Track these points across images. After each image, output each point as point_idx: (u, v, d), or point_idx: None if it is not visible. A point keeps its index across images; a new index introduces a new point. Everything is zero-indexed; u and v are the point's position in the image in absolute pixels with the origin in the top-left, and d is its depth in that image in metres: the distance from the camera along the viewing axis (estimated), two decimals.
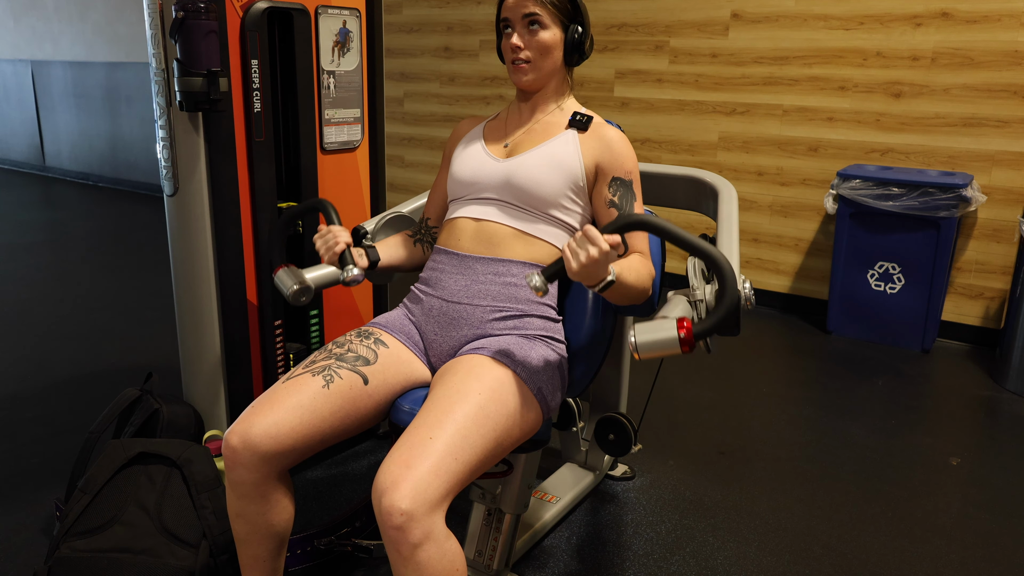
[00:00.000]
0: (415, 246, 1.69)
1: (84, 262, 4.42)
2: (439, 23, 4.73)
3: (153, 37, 1.81)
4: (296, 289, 1.55)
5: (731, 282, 1.15)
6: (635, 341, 1.19)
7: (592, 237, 1.18)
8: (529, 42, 1.48)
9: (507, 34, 1.50)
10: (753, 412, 2.66)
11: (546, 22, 1.46)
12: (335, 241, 1.50)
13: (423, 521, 1.13)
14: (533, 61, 1.49)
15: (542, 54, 1.48)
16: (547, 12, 1.46)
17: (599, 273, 1.21)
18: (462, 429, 1.23)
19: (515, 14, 1.47)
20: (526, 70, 1.50)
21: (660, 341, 1.18)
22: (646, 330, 1.19)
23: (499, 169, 1.52)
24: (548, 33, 1.47)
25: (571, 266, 1.20)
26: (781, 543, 1.94)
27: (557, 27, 1.48)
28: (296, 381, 1.36)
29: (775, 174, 3.72)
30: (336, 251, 1.50)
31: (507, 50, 1.50)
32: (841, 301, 3.40)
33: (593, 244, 1.18)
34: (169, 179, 1.90)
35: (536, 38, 1.47)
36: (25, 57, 7.55)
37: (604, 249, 1.18)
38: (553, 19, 1.47)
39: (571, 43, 1.49)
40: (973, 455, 2.39)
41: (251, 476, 1.32)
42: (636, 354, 1.19)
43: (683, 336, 1.17)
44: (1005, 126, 3.16)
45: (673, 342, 1.17)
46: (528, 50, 1.48)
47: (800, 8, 3.50)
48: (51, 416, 2.53)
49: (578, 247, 1.19)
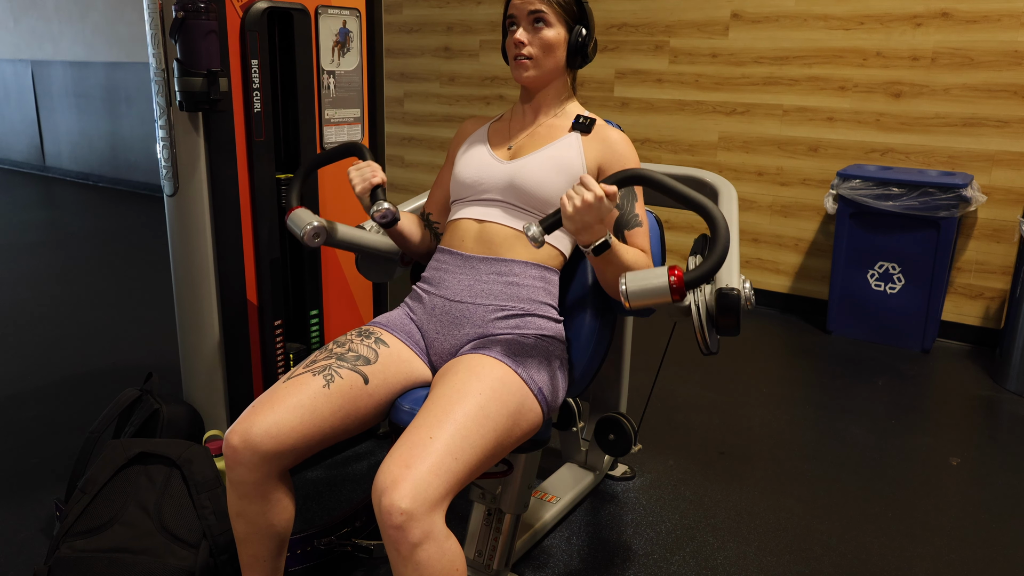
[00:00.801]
0: (424, 229, 1.71)
1: (84, 262, 4.42)
2: (439, 23, 4.73)
3: (153, 37, 1.81)
4: (311, 227, 1.50)
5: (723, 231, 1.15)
6: (626, 289, 1.20)
7: (588, 183, 1.22)
8: (533, 39, 1.48)
9: (512, 31, 1.51)
10: (753, 412, 2.66)
11: (551, 20, 1.47)
12: (372, 173, 1.51)
13: (423, 520, 1.13)
14: (535, 58, 1.50)
15: (545, 52, 1.49)
16: (553, 11, 1.47)
17: (595, 226, 1.25)
18: (462, 429, 1.23)
19: (521, 11, 1.48)
20: (528, 66, 1.50)
21: (651, 288, 1.19)
22: (637, 278, 1.20)
23: (503, 171, 1.52)
24: (552, 31, 1.48)
25: (567, 209, 1.24)
26: (781, 543, 1.94)
27: (562, 26, 1.48)
28: (297, 381, 1.36)
29: (775, 174, 3.72)
30: (373, 181, 1.51)
31: (511, 46, 1.51)
32: (841, 301, 3.40)
33: (589, 189, 1.21)
34: (169, 179, 1.90)
35: (540, 35, 1.48)
36: (25, 57, 7.55)
37: (599, 194, 1.21)
38: (559, 18, 1.48)
39: (575, 44, 1.50)
40: (973, 455, 2.39)
41: (252, 476, 1.32)
42: (627, 302, 1.20)
43: (674, 283, 1.17)
44: (1005, 126, 3.16)
45: (664, 289, 1.18)
46: (531, 47, 1.49)
47: (800, 8, 3.50)
48: (51, 416, 2.53)
49: (575, 191, 1.23)
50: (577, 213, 1.23)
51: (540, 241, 1.26)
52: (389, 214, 1.48)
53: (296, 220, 1.55)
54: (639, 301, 1.19)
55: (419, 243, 1.69)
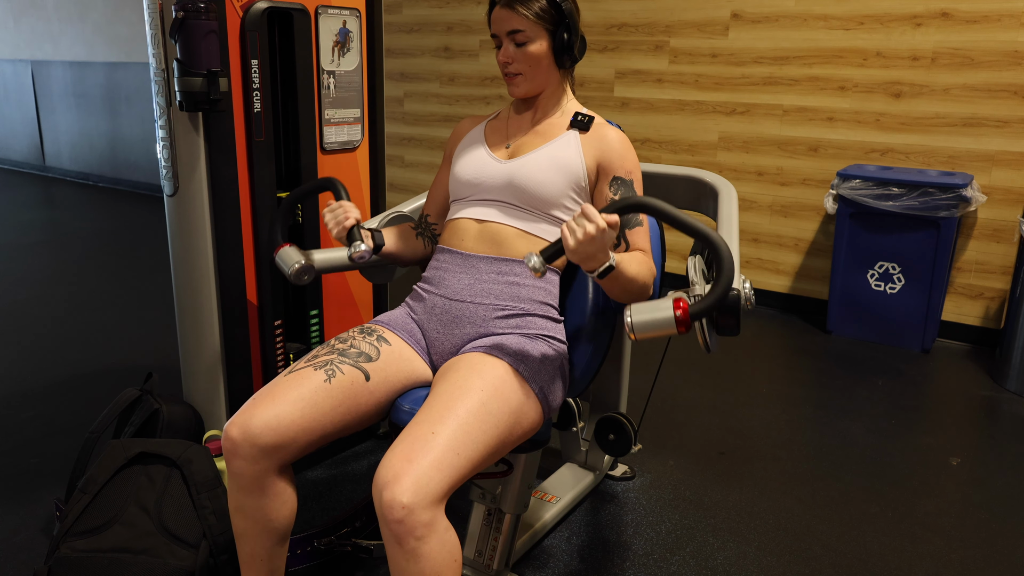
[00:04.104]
0: (417, 239, 1.70)
1: (84, 262, 4.42)
2: (439, 23, 4.73)
3: (153, 37, 1.81)
4: (298, 267, 1.53)
5: (727, 262, 1.14)
6: (631, 321, 1.19)
7: (590, 214, 1.18)
8: (516, 55, 1.48)
9: (497, 49, 1.51)
10: (753, 412, 2.66)
11: (531, 34, 1.46)
12: (345, 215, 1.49)
13: (424, 515, 1.13)
14: (523, 73, 1.50)
15: (531, 65, 1.49)
16: (530, 24, 1.45)
17: (597, 255, 1.22)
18: (464, 425, 1.23)
19: (500, 29, 1.48)
20: (518, 82, 1.51)
21: (656, 321, 1.17)
22: (642, 310, 1.19)
23: (502, 171, 1.52)
24: (535, 45, 1.47)
25: (568, 243, 1.20)
26: (781, 543, 1.94)
27: (543, 36, 1.47)
28: (297, 375, 1.36)
29: (775, 174, 3.72)
30: (346, 225, 1.49)
31: (499, 63, 1.51)
32: (841, 301, 3.40)
33: (591, 221, 1.18)
34: (169, 179, 1.90)
35: (523, 51, 1.47)
36: (25, 57, 7.54)
37: (601, 226, 1.18)
38: (537, 29, 1.46)
39: (559, 48, 1.48)
40: (973, 455, 2.39)
41: (251, 468, 1.31)
42: (632, 334, 1.19)
43: (679, 316, 1.16)
44: (1005, 126, 3.16)
45: (669, 322, 1.17)
46: (517, 63, 1.49)
47: (800, 8, 3.50)
48: (51, 416, 2.53)
49: (576, 224, 1.19)
50: (580, 246, 1.20)
51: (542, 271, 1.24)
52: (366, 255, 1.47)
53: (284, 258, 1.57)
54: (644, 334, 1.18)
55: (411, 256, 1.69)
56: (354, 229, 1.48)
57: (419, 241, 1.70)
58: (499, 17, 1.47)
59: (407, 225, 1.71)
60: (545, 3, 1.44)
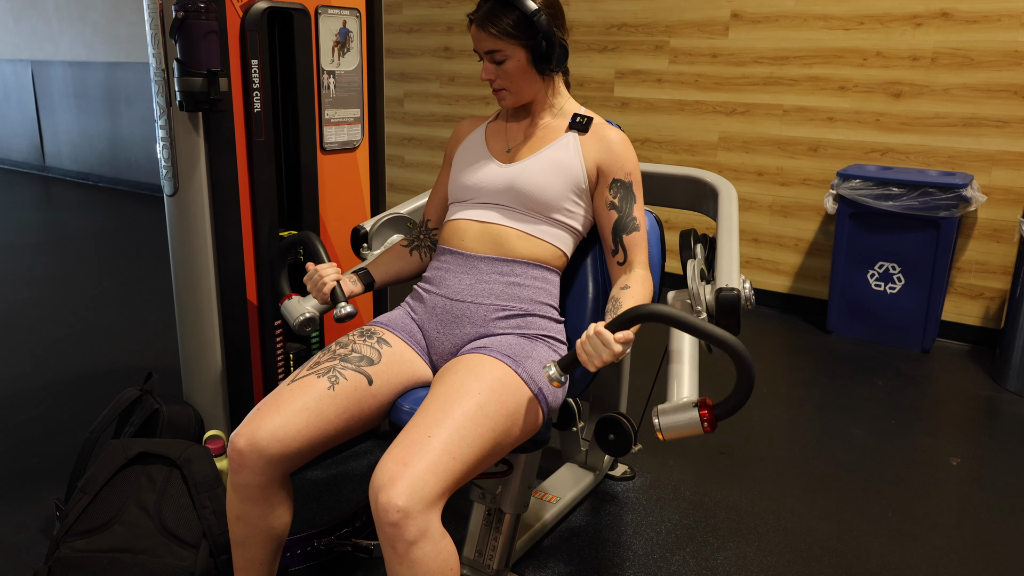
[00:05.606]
0: (411, 255, 1.69)
1: (84, 262, 4.42)
2: (439, 23, 4.73)
3: (153, 37, 1.81)
4: (301, 320, 1.61)
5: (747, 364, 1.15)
6: (659, 423, 1.23)
7: (606, 341, 1.20)
8: (497, 72, 1.49)
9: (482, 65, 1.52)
10: (753, 412, 2.66)
11: (507, 52, 1.45)
12: (322, 282, 1.51)
13: (419, 518, 1.13)
14: (507, 88, 1.51)
15: (513, 80, 1.49)
16: (505, 43, 1.44)
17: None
18: (461, 428, 1.23)
19: (479, 48, 1.48)
20: (504, 96, 1.52)
21: (683, 424, 1.22)
22: (669, 412, 1.23)
23: (502, 174, 1.52)
24: (511, 62, 1.47)
25: (588, 367, 1.23)
26: (781, 543, 1.94)
27: (520, 51, 1.46)
28: (301, 383, 1.36)
29: (775, 174, 3.72)
30: (325, 292, 1.51)
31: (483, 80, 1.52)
32: (841, 301, 3.40)
33: (606, 347, 1.20)
34: (169, 179, 1.90)
35: (502, 69, 1.48)
36: (25, 57, 7.54)
37: (615, 351, 1.20)
38: (511, 47, 1.45)
39: (538, 59, 1.47)
40: (973, 455, 2.39)
41: (256, 479, 1.31)
42: (660, 434, 1.23)
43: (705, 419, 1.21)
44: (1005, 126, 3.16)
45: (696, 424, 1.21)
46: (499, 79, 1.50)
47: (800, 8, 3.50)
48: (51, 416, 2.53)
49: (593, 351, 1.21)
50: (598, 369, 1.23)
51: (562, 381, 1.28)
52: (354, 312, 1.50)
53: (289, 311, 1.63)
54: (672, 434, 1.23)
55: (408, 274, 1.70)
56: (335, 291, 1.51)
57: (414, 256, 1.69)
58: (475, 37, 1.48)
59: (398, 245, 1.70)
60: (514, 20, 1.42)
